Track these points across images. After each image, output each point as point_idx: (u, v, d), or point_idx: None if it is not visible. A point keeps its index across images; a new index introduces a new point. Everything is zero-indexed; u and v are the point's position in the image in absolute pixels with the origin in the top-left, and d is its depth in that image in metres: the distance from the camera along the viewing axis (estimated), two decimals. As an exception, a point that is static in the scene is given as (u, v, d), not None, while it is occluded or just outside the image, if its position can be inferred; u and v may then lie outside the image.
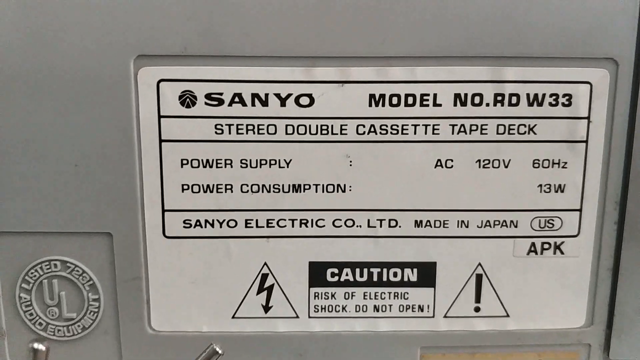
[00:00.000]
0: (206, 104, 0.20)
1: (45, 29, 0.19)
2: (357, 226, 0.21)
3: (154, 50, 0.20)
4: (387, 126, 0.20)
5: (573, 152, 0.21)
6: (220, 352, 0.17)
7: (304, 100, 0.20)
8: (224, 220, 0.21)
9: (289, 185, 0.21)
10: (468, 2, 0.19)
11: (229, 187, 0.21)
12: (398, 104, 0.20)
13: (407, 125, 0.20)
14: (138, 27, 0.19)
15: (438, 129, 0.21)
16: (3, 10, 0.19)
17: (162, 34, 0.19)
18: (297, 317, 0.22)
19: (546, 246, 0.22)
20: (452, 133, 0.21)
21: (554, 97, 0.21)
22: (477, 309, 0.22)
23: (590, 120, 0.21)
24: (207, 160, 0.21)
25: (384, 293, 0.22)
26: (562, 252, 0.22)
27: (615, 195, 0.21)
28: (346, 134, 0.21)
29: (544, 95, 0.21)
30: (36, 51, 0.19)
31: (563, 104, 0.21)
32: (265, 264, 0.22)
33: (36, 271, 0.21)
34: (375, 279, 0.22)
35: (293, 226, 0.21)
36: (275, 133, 0.20)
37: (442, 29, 0.20)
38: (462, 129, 0.21)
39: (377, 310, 0.22)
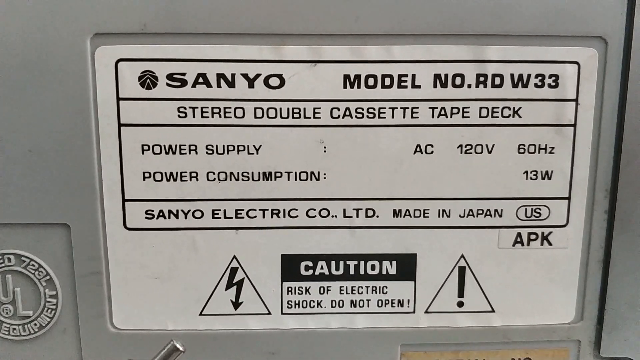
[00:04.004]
0: (168, 85, 0.19)
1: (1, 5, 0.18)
2: (332, 216, 0.21)
3: (112, 28, 0.19)
4: (363, 109, 0.20)
5: (560, 136, 0.20)
6: (181, 349, 0.16)
7: (274, 81, 0.19)
8: (189, 211, 0.20)
9: (259, 173, 0.20)
10: None
11: (194, 175, 0.20)
12: (374, 86, 0.19)
13: (385, 108, 0.20)
14: (94, 4, 0.18)
15: (417, 112, 0.20)
16: None
17: (120, 10, 0.19)
18: (269, 313, 0.21)
19: (533, 237, 0.21)
20: (432, 116, 0.20)
21: (539, 77, 0.20)
22: (460, 304, 0.22)
23: (578, 103, 0.20)
24: (170, 146, 0.20)
25: (361, 287, 0.21)
26: (549, 243, 0.21)
27: (606, 183, 0.21)
28: (319, 117, 0.20)
29: (529, 75, 0.20)
30: None
31: (549, 85, 0.20)
32: (234, 257, 0.21)
33: (-12, 266, 0.20)
34: (351, 272, 0.21)
35: (264, 217, 0.20)
36: (243, 117, 0.19)
37: (420, 4, 0.19)
38: (442, 112, 0.20)
39: (354, 306, 0.22)
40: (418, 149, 0.20)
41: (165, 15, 0.19)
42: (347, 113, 0.20)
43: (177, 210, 0.20)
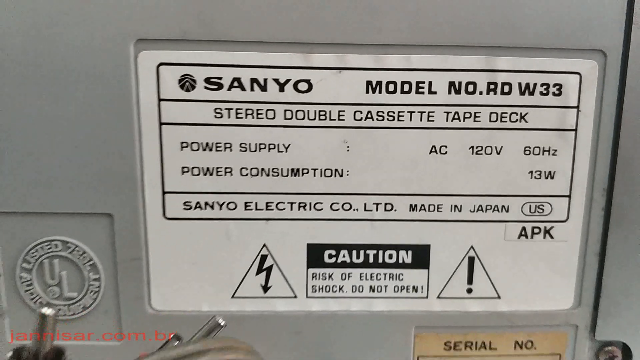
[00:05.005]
0: (205, 88, 0.21)
1: (46, 14, 0.19)
2: (354, 210, 0.22)
3: (154, 34, 0.20)
4: (383, 112, 0.21)
5: (563, 140, 0.21)
6: (222, 324, 0.17)
7: (302, 86, 0.21)
8: (223, 203, 0.22)
9: (288, 169, 0.21)
10: None
11: (228, 170, 0.21)
12: (394, 91, 0.21)
13: (403, 112, 0.21)
14: (138, 12, 0.20)
15: (433, 116, 0.21)
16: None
17: (161, 18, 0.20)
18: (295, 297, 0.23)
19: (536, 230, 0.22)
20: (447, 120, 0.21)
21: (544, 86, 0.21)
22: (469, 291, 0.23)
23: (579, 110, 0.21)
24: (207, 144, 0.21)
25: (380, 274, 0.23)
26: (551, 237, 0.22)
27: (603, 182, 0.22)
28: (344, 119, 0.21)
29: (535, 84, 0.21)
30: (38, 35, 0.20)
31: (553, 94, 0.21)
32: (264, 245, 0.22)
33: (37, 251, 0.21)
34: (371, 260, 0.22)
35: (291, 209, 0.22)
36: (274, 118, 0.21)
37: (437, 18, 0.20)
38: (456, 116, 0.21)
39: (373, 291, 0.23)
40: (433, 150, 0.21)
41: (204, 23, 0.20)
42: (369, 116, 0.21)
43: (213, 202, 0.21)
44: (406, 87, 0.21)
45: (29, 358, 0.15)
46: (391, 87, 0.21)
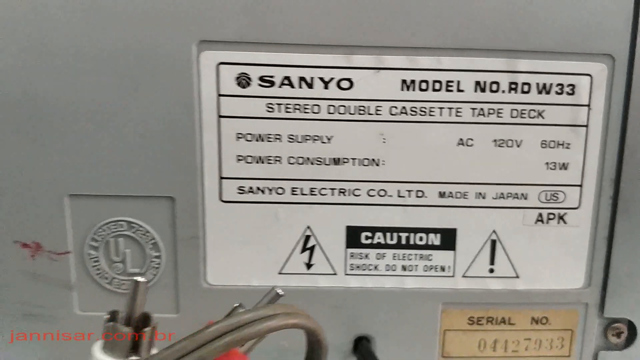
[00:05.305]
0: (259, 85, 0.23)
1: (122, 19, 0.22)
2: (389, 196, 0.24)
3: (215, 37, 0.22)
4: (416, 108, 0.23)
5: (575, 134, 0.24)
6: (281, 294, 0.19)
7: (345, 84, 0.23)
8: (273, 188, 0.24)
9: (330, 158, 0.24)
10: (486, 3, 0.22)
11: (277, 159, 0.24)
12: (426, 89, 0.23)
13: (434, 107, 0.23)
14: (201, 16, 0.22)
15: (460, 112, 0.23)
16: (85, 4, 0.22)
17: (222, 22, 0.22)
18: (335, 274, 0.25)
19: (551, 216, 0.24)
20: (473, 115, 0.23)
21: (559, 86, 0.23)
22: (491, 270, 0.25)
23: (590, 108, 0.23)
24: (259, 135, 0.23)
25: (411, 255, 0.25)
26: (564, 222, 0.24)
27: (611, 173, 0.24)
28: (380, 114, 0.23)
29: (551, 84, 0.23)
30: (113, 36, 0.22)
31: (567, 93, 0.23)
32: (308, 227, 0.24)
33: (104, 230, 0.24)
34: (403, 242, 0.24)
35: (333, 194, 0.24)
36: (318, 112, 0.23)
37: (464, 24, 0.22)
38: (481, 112, 0.23)
39: (405, 270, 0.25)
40: (460, 142, 0.23)
41: (259, 28, 0.22)
42: (403, 111, 0.23)
43: (263, 187, 0.24)
44: (437, 86, 0.23)
45: (122, 321, 0.18)
46: (423, 86, 0.23)
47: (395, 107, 0.23)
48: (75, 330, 0.24)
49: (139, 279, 0.17)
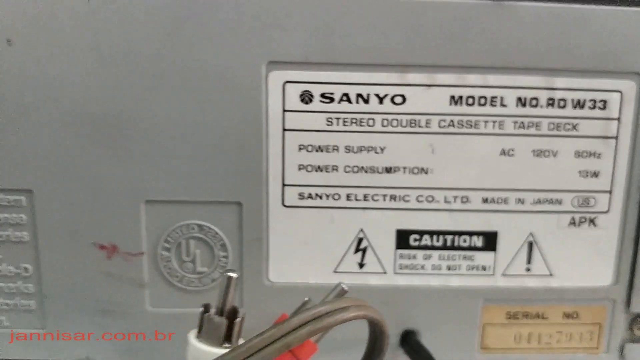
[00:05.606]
0: (320, 101, 0.25)
1: (202, 40, 0.24)
2: (436, 201, 0.26)
3: (282, 58, 0.24)
4: (463, 121, 0.25)
5: (606, 145, 0.25)
6: (346, 289, 0.21)
7: (398, 100, 0.25)
8: (330, 194, 0.26)
9: (383, 167, 0.25)
10: (527, 27, 0.24)
11: (334, 167, 0.25)
12: (473, 104, 0.25)
13: (479, 121, 0.25)
14: (270, 40, 0.24)
15: (503, 125, 0.25)
16: (168, 28, 0.24)
17: (288, 45, 0.24)
18: (385, 273, 0.26)
19: (583, 220, 0.26)
20: (514, 128, 0.25)
21: (592, 102, 0.25)
22: (527, 269, 0.26)
23: (620, 121, 0.25)
24: (319, 146, 0.25)
25: (455, 255, 0.26)
26: (595, 225, 0.26)
27: (638, 181, 0.26)
28: (430, 127, 0.25)
29: (585, 100, 0.25)
30: (193, 55, 0.24)
31: (599, 108, 0.25)
32: (361, 230, 0.26)
33: (177, 233, 0.26)
34: (448, 244, 0.26)
35: (384, 200, 0.26)
36: (373, 125, 0.25)
37: (508, 46, 0.24)
38: (521, 125, 0.25)
39: (449, 269, 0.26)
40: (503, 152, 0.25)
41: (322, 50, 0.24)
42: (451, 124, 0.25)
43: (321, 194, 0.25)
44: (482, 101, 0.25)
45: (215, 311, 0.20)
46: (470, 101, 0.25)
47: (444, 120, 0.25)
48: (147, 326, 0.26)
49: (232, 274, 0.19)
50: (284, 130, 0.25)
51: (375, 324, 0.21)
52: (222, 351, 0.18)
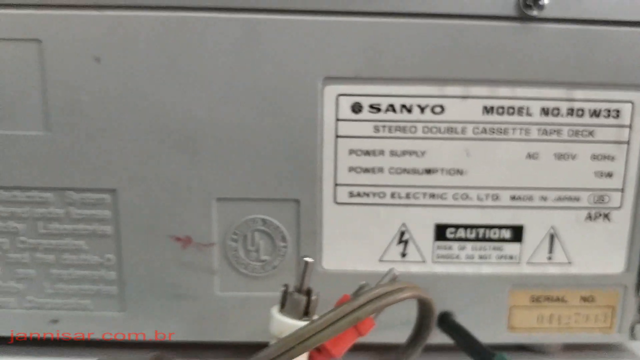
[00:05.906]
0: (369, 111, 0.28)
1: (268, 57, 0.27)
2: (470, 199, 0.29)
3: (336, 74, 0.28)
4: (494, 129, 0.28)
5: (619, 149, 0.29)
6: (397, 274, 0.25)
7: (437, 110, 0.28)
8: (376, 193, 0.29)
9: (423, 169, 0.29)
10: (550, 46, 0.27)
11: (380, 169, 0.29)
12: (503, 113, 0.28)
13: (508, 128, 0.28)
14: (325, 59, 0.27)
15: (529, 132, 0.28)
16: (237, 48, 0.27)
17: (342, 64, 0.27)
18: (424, 262, 0.30)
19: (598, 215, 0.29)
20: (539, 134, 0.28)
21: (607, 111, 0.28)
22: (549, 258, 0.30)
23: (631, 128, 0.28)
24: (367, 151, 0.29)
25: (486, 246, 0.29)
26: (609, 220, 0.29)
27: None
28: (465, 133, 0.28)
29: (600, 110, 0.28)
30: (259, 70, 0.27)
31: (613, 116, 0.28)
32: (403, 224, 0.29)
33: (243, 226, 0.29)
34: (480, 236, 0.29)
35: (424, 198, 0.29)
36: (415, 132, 0.28)
37: (533, 63, 0.28)
38: (545, 132, 0.28)
39: (481, 258, 0.30)
40: (528, 156, 0.29)
41: (371, 67, 0.27)
42: (484, 131, 0.28)
43: (369, 192, 0.29)
44: (511, 111, 0.28)
45: (294, 291, 0.23)
46: (500, 110, 0.28)
47: (478, 127, 0.28)
48: (216, 308, 0.30)
49: (308, 259, 0.23)
50: (337, 136, 0.28)
51: (425, 303, 0.25)
52: (302, 323, 0.22)
